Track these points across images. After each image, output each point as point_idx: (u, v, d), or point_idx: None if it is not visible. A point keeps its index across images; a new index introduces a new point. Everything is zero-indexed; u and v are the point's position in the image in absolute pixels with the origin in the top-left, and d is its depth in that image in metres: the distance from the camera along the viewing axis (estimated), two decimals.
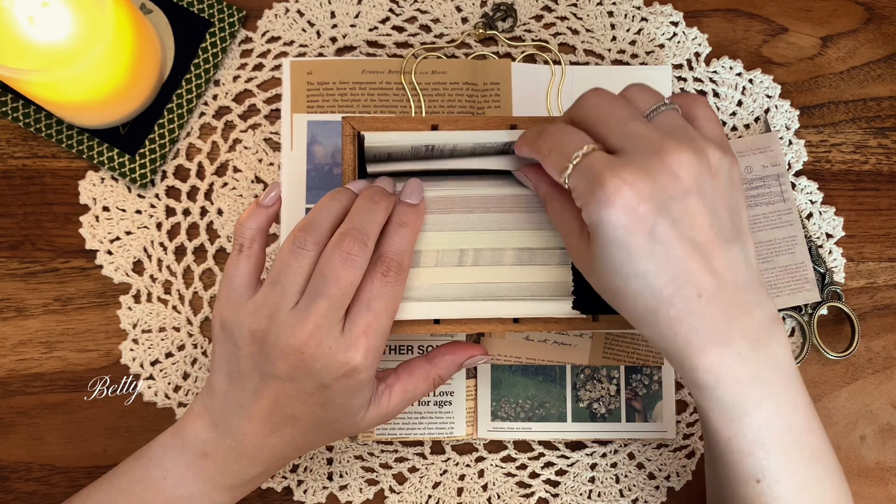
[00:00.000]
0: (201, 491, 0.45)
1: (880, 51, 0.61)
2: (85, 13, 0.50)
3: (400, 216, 0.45)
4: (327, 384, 0.43)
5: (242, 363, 0.43)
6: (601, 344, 0.58)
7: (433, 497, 0.57)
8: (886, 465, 0.58)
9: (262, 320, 0.43)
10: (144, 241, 0.58)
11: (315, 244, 0.43)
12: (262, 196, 0.47)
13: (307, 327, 0.42)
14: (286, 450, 0.46)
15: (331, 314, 0.42)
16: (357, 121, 0.47)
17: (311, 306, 0.42)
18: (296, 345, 0.42)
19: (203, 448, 0.45)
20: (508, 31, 0.60)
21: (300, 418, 0.44)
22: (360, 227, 0.43)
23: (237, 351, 0.44)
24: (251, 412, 0.44)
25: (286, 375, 0.43)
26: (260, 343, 0.43)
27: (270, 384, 0.43)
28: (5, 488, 0.56)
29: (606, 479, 0.58)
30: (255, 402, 0.44)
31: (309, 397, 0.43)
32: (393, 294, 0.43)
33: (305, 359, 0.42)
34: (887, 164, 0.61)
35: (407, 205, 0.45)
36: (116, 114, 0.56)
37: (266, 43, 0.60)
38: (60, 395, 0.57)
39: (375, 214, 0.44)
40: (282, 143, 0.57)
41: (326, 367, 0.42)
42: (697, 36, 0.60)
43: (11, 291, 0.57)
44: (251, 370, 0.43)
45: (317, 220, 0.44)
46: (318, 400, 0.43)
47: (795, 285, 0.58)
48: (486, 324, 0.47)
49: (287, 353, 0.42)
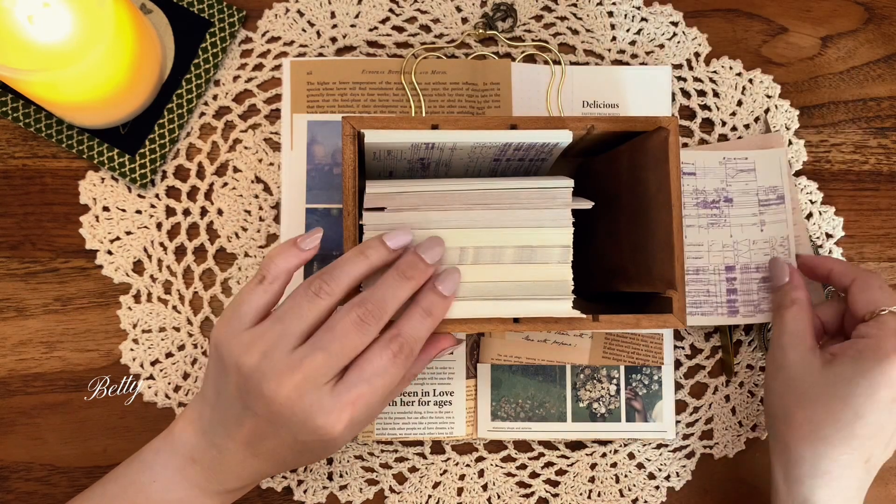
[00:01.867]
0: (190, 495, 0.45)
1: (880, 51, 0.61)
2: (85, 13, 0.50)
3: (428, 305, 0.44)
4: (303, 440, 0.43)
5: (229, 388, 0.43)
6: (601, 344, 0.58)
7: (433, 497, 0.57)
8: (886, 464, 0.58)
9: (255, 355, 0.42)
10: (144, 241, 0.58)
11: (330, 294, 0.43)
12: (301, 238, 0.45)
13: (296, 376, 0.41)
14: (267, 469, 0.46)
15: (324, 370, 0.41)
16: (357, 120, 0.47)
17: (308, 356, 0.41)
18: (277, 392, 0.41)
19: (191, 453, 0.45)
20: (508, 31, 0.60)
21: (279, 453, 0.44)
22: (381, 302, 0.42)
23: (226, 376, 0.43)
24: (233, 434, 0.44)
25: (264, 417, 0.42)
26: (245, 378, 0.42)
27: (251, 418, 0.43)
28: (5, 488, 0.56)
29: (606, 479, 0.58)
30: (237, 427, 0.43)
31: (286, 442, 0.43)
32: (395, 376, 0.43)
33: (284, 409, 0.41)
34: (887, 164, 0.61)
35: (439, 294, 0.44)
36: (116, 114, 0.56)
37: (266, 43, 0.60)
38: (60, 395, 0.57)
39: (401, 291, 0.43)
40: (282, 143, 0.57)
41: (302, 424, 0.42)
42: (697, 36, 0.60)
43: (11, 291, 0.57)
44: (236, 397, 0.43)
45: (340, 272, 0.43)
46: (296, 448, 0.43)
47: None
48: (486, 324, 0.47)
49: (268, 397, 0.41)
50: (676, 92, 0.60)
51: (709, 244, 0.57)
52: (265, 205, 0.58)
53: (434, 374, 0.57)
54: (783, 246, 0.57)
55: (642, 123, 0.48)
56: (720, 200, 0.58)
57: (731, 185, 0.58)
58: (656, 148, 0.47)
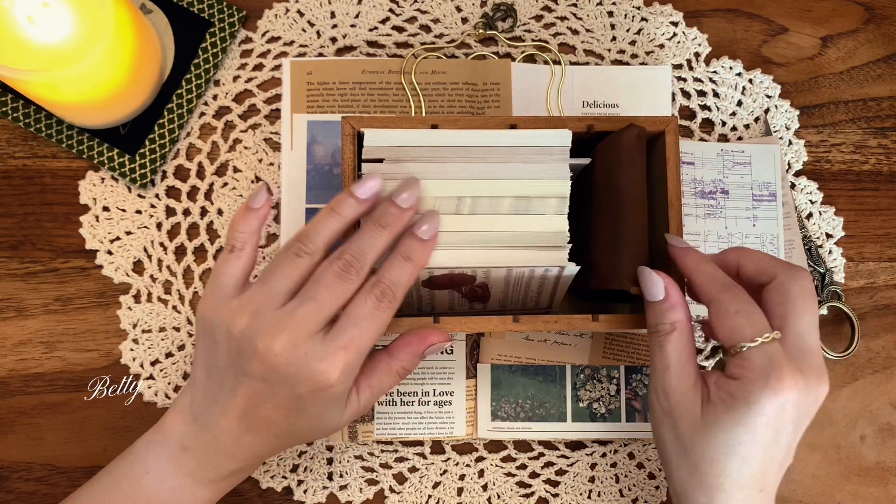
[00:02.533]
0: (183, 484, 0.45)
1: (880, 51, 0.61)
2: (85, 13, 0.50)
3: (407, 249, 0.44)
4: (300, 394, 0.43)
5: (220, 359, 0.44)
6: (601, 344, 0.58)
7: (433, 497, 0.57)
8: (886, 465, 0.58)
9: (245, 317, 0.43)
10: (144, 241, 0.58)
11: (310, 253, 0.44)
12: (250, 199, 0.46)
13: (288, 328, 0.42)
14: (262, 449, 0.46)
15: (315, 319, 0.42)
16: (357, 120, 0.47)
17: (298, 308, 0.42)
18: (272, 346, 0.42)
19: (182, 441, 0.45)
20: (508, 31, 0.60)
21: (274, 421, 0.44)
22: (359, 252, 0.43)
23: (216, 347, 0.44)
24: (227, 408, 0.44)
25: (260, 376, 0.42)
26: (238, 340, 0.43)
27: (245, 383, 0.43)
28: (5, 488, 0.56)
29: (606, 478, 0.58)
30: (231, 399, 0.44)
31: (282, 402, 0.43)
32: (381, 319, 0.43)
33: (280, 361, 0.42)
34: (887, 164, 0.61)
35: (417, 239, 0.44)
36: (116, 114, 0.56)
37: (266, 43, 0.60)
38: (60, 395, 0.57)
39: (378, 240, 0.44)
40: (282, 143, 0.57)
41: (299, 374, 0.42)
42: (697, 36, 0.60)
43: (11, 291, 0.57)
44: (228, 367, 0.43)
45: (314, 232, 0.44)
46: (292, 407, 0.43)
47: None
48: (486, 323, 0.47)
49: (262, 352, 0.42)
50: (676, 92, 0.60)
51: (705, 234, 0.58)
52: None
53: (434, 374, 0.57)
54: (773, 244, 0.58)
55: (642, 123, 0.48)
56: (717, 191, 0.58)
57: (727, 178, 0.58)
58: (629, 146, 0.47)
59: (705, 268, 0.45)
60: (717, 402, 0.43)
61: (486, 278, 0.46)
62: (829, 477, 0.58)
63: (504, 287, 0.48)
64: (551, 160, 0.46)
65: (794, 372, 0.41)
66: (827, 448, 0.58)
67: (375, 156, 0.45)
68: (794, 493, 0.58)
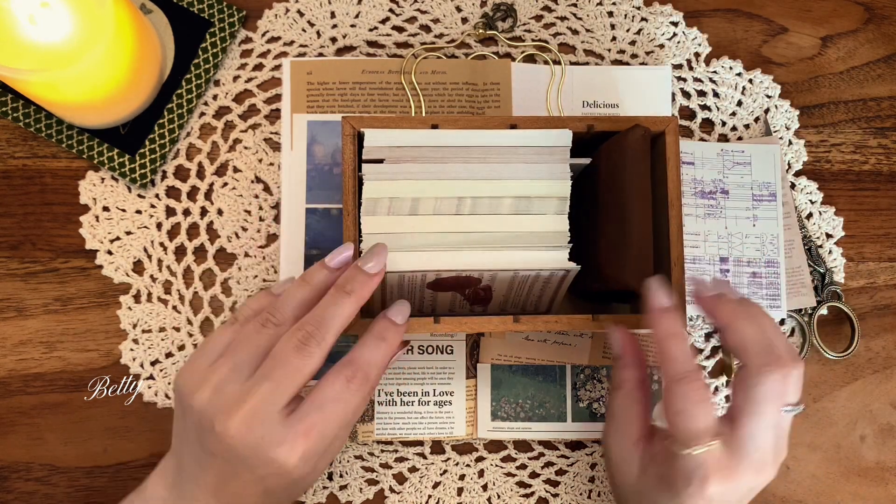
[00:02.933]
0: None
1: (880, 51, 0.61)
2: (85, 13, 0.50)
3: (381, 331, 0.43)
4: (262, 475, 0.41)
5: (189, 433, 0.43)
6: (601, 344, 0.58)
7: (433, 497, 0.57)
8: (886, 465, 0.58)
9: (207, 391, 0.41)
10: (144, 241, 0.58)
11: (277, 324, 0.43)
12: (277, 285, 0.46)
13: (244, 409, 0.40)
14: None
15: (271, 398, 0.40)
16: (357, 120, 0.47)
17: (255, 387, 0.41)
18: (227, 427, 0.40)
19: None
20: (508, 31, 0.60)
21: (244, 497, 0.43)
22: (320, 321, 0.42)
23: (184, 418, 0.43)
24: (200, 483, 0.43)
25: (221, 456, 0.41)
26: (199, 415, 0.41)
27: (210, 461, 0.42)
28: (5, 488, 0.56)
29: (606, 478, 0.58)
30: (202, 474, 0.42)
31: (248, 482, 0.42)
32: (350, 403, 0.42)
33: (235, 444, 0.40)
34: (887, 164, 0.61)
35: (390, 322, 0.44)
36: (116, 114, 0.56)
37: (266, 43, 0.60)
38: (60, 395, 0.57)
39: (342, 308, 0.42)
40: (282, 143, 0.57)
41: (256, 457, 0.40)
42: (697, 36, 0.60)
43: (11, 291, 0.57)
44: (195, 441, 0.42)
45: (283, 301, 0.43)
46: (259, 486, 0.42)
47: (792, 289, 0.58)
48: (486, 324, 0.47)
49: (219, 433, 0.40)
50: (676, 92, 0.60)
51: (705, 234, 0.58)
52: (265, 205, 0.58)
53: (434, 374, 0.57)
54: (773, 244, 0.58)
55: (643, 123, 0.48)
56: (717, 191, 0.58)
57: (727, 178, 0.58)
58: (634, 146, 0.47)
59: (670, 344, 0.42)
60: (651, 475, 0.43)
61: (492, 281, 0.46)
62: (829, 477, 0.58)
63: (507, 290, 0.48)
64: (552, 160, 0.46)
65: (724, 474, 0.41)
66: (827, 448, 0.58)
67: (375, 156, 0.45)
68: (794, 493, 0.58)
